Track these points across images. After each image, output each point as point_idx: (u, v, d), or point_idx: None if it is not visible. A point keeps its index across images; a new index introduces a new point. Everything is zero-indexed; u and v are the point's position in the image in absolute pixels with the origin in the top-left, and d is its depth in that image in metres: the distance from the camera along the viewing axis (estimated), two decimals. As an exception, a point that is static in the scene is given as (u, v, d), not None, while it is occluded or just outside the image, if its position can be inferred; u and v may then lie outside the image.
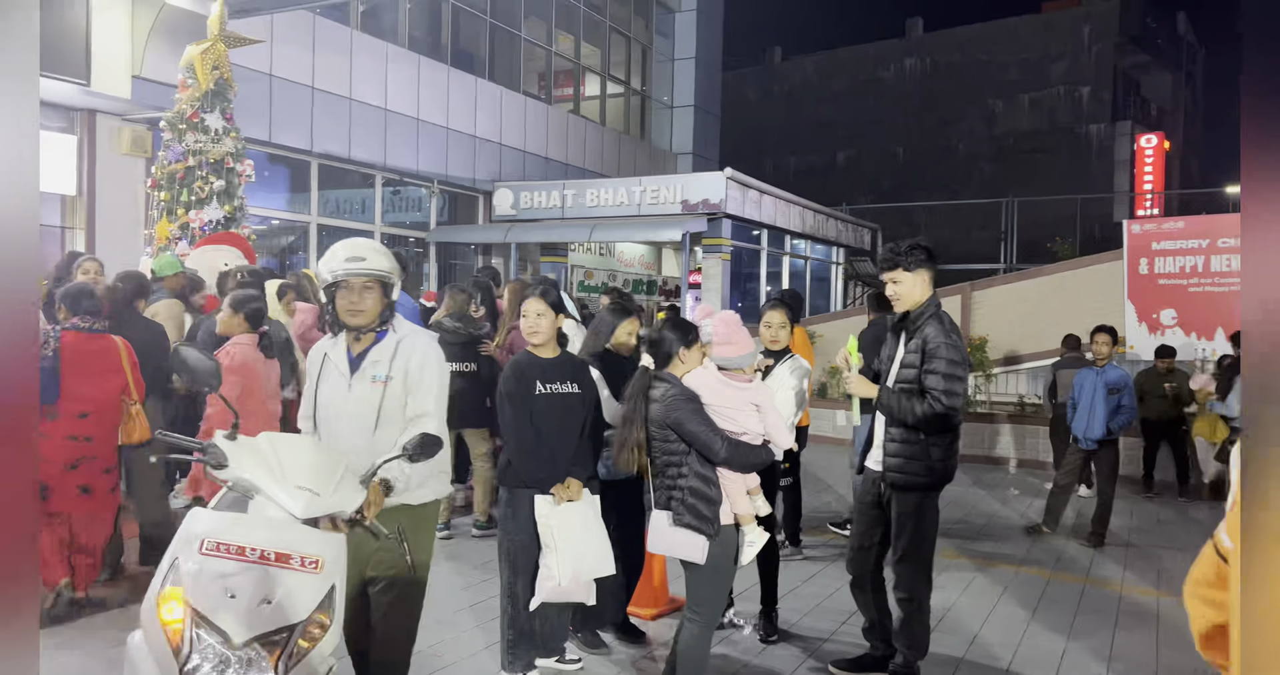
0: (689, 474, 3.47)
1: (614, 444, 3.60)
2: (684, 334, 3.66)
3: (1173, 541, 7.49)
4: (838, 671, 4.32)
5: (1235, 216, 12.25)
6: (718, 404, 3.51)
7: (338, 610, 2.71)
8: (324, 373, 3.33)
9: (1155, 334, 11.06)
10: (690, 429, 3.44)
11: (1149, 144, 28.53)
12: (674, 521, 3.47)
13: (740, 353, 3.60)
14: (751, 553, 3.61)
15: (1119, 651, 4.82)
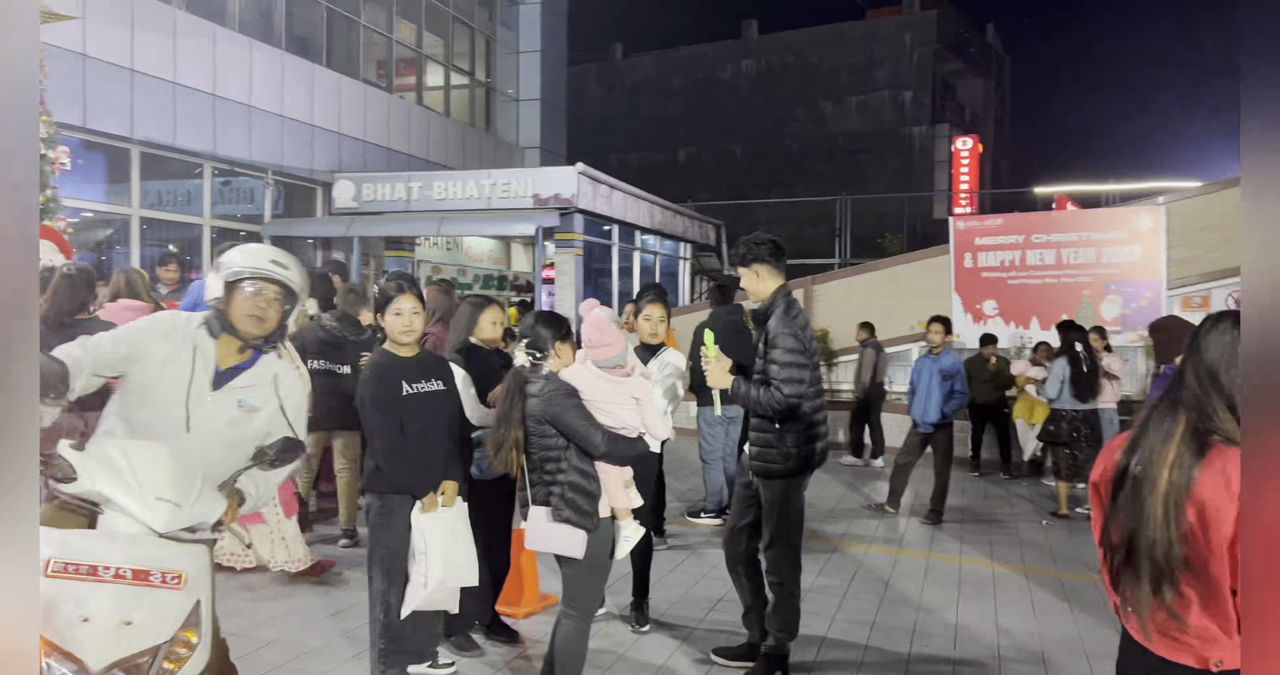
0: (568, 469, 3.44)
1: (491, 443, 3.52)
2: (557, 328, 3.64)
3: (999, 515, 8.09)
4: (720, 660, 4.42)
5: (1048, 214, 13.32)
6: (598, 399, 3.51)
7: (205, 627, 2.55)
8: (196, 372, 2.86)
9: (979, 323, 11.88)
10: (570, 423, 3.42)
11: (965, 146, 30.56)
12: (554, 517, 3.43)
13: (614, 353, 3.61)
14: (628, 546, 3.64)
15: (963, 620, 5.16)
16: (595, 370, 3.61)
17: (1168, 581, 1.82)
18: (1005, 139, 43.04)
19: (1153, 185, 20.57)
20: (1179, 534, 1.81)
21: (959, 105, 36.90)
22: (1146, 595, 1.86)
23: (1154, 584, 1.84)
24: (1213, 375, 1.87)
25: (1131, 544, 1.88)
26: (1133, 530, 1.88)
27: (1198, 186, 12.46)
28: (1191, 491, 1.80)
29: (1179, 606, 1.83)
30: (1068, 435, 7.91)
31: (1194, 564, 1.81)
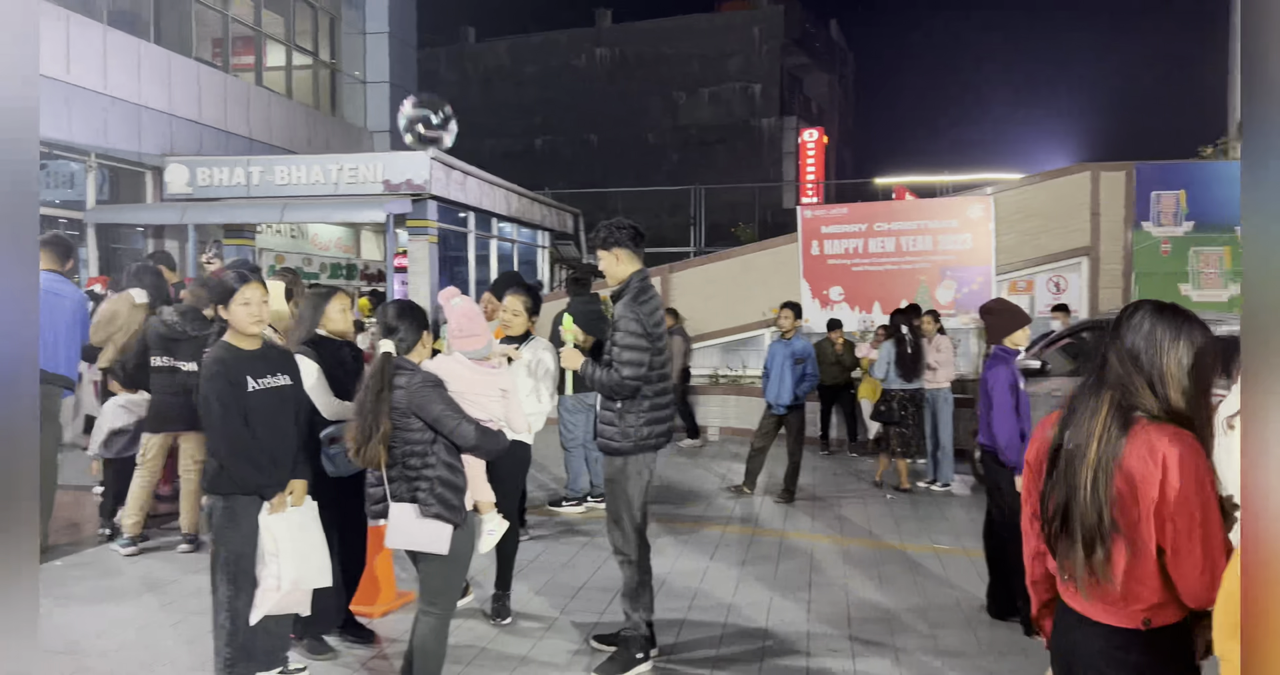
0: (436, 463, 3.35)
1: (354, 437, 3.36)
2: (419, 319, 3.54)
3: (847, 492, 8.46)
4: (599, 645, 4.43)
5: (888, 204, 13.95)
6: (468, 392, 3.45)
7: None
8: None
9: (826, 308, 12.36)
10: (439, 415, 3.33)
11: (811, 138, 31.63)
12: (422, 513, 3.33)
13: (483, 344, 3.57)
14: (493, 541, 3.59)
15: (815, 594, 5.37)
16: (464, 361, 3.54)
17: (1100, 544, 1.99)
18: (849, 131, 44.83)
19: (982, 177, 21.89)
20: (1109, 500, 1.98)
21: (805, 98, 38.15)
22: (1081, 560, 2.03)
23: (1086, 548, 2.01)
24: (1133, 357, 2.05)
25: (1066, 513, 2.06)
26: (1067, 501, 2.05)
27: (1022, 178, 13.34)
28: (1120, 462, 1.98)
29: (1109, 568, 2.00)
30: (897, 414, 8.38)
31: (1124, 528, 1.98)
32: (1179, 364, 2.03)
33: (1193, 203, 11.64)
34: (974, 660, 4.38)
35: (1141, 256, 11.81)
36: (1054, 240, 12.14)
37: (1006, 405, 4.77)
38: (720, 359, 13.13)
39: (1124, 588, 2.00)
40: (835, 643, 4.60)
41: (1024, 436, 4.79)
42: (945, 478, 8.61)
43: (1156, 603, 2.00)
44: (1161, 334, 2.06)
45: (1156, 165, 11.97)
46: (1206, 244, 11.61)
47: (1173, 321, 2.08)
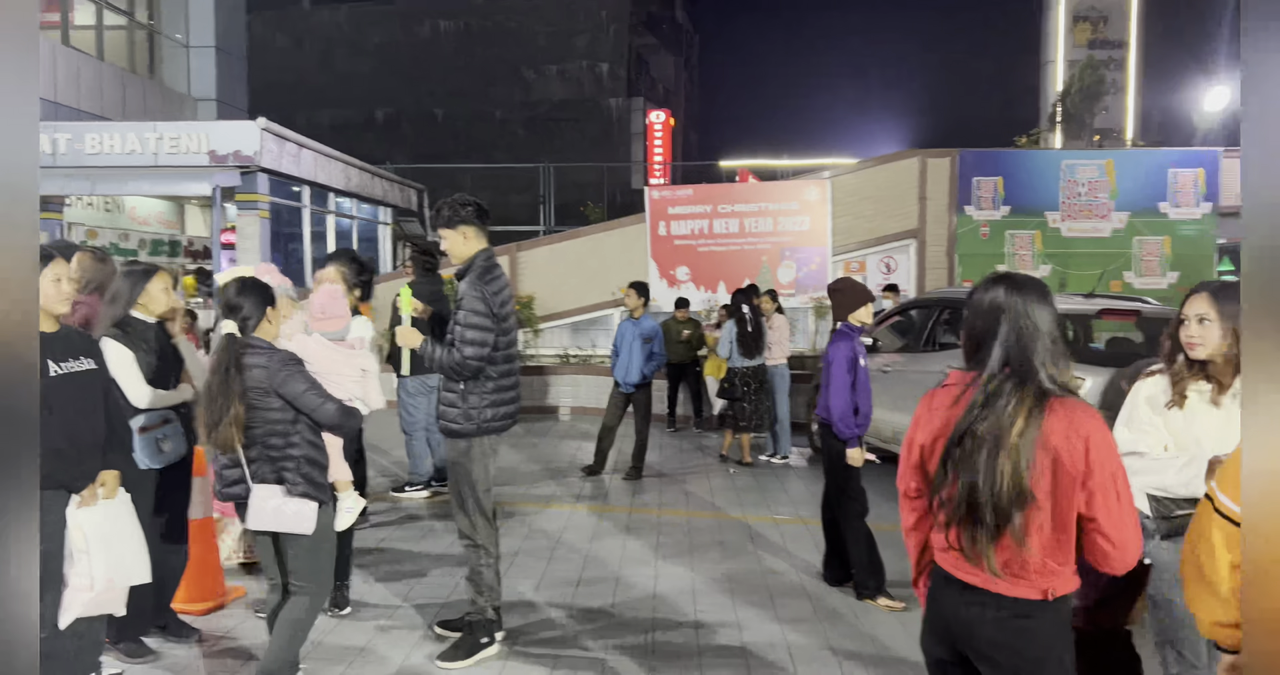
0: (300, 442, 3.33)
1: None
2: (265, 296, 3.42)
3: (693, 467, 8.64)
4: (443, 631, 4.33)
5: (732, 186, 14.25)
6: (328, 371, 3.44)
7: None
8: None
9: (674, 288, 12.54)
10: (301, 393, 3.29)
11: (658, 119, 31.92)
12: (289, 492, 3.31)
13: (343, 325, 3.55)
14: (350, 518, 3.70)
15: (662, 569, 5.45)
16: (324, 342, 3.56)
17: (1017, 523, 2.03)
18: (695, 114, 45.55)
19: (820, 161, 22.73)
20: (1030, 479, 2.02)
21: (652, 79, 38.45)
22: (989, 540, 2.06)
23: (1000, 528, 2.04)
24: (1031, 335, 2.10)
25: (972, 497, 2.06)
26: (972, 484, 2.06)
27: (857, 163, 13.92)
28: (1042, 442, 2.02)
29: (1028, 544, 2.04)
30: (739, 390, 8.63)
31: (1044, 504, 2.04)
32: (1052, 336, 2.11)
33: (1009, 189, 12.48)
34: (811, 625, 4.56)
35: (964, 239, 12.57)
36: (885, 223, 12.76)
37: (842, 381, 4.94)
38: (570, 339, 13.11)
39: (1038, 561, 2.06)
40: (680, 615, 4.68)
41: (858, 411, 5.00)
42: (784, 451, 8.93)
43: (1062, 573, 2.09)
44: (1039, 311, 2.12)
45: (978, 153, 12.76)
46: (1020, 228, 12.49)
47: (1038, 295, 2.14)
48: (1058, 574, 2.09)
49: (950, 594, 2.19)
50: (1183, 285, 12.20)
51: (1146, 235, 12.30)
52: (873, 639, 4.38)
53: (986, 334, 2.14)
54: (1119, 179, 12.31)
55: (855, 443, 4.99)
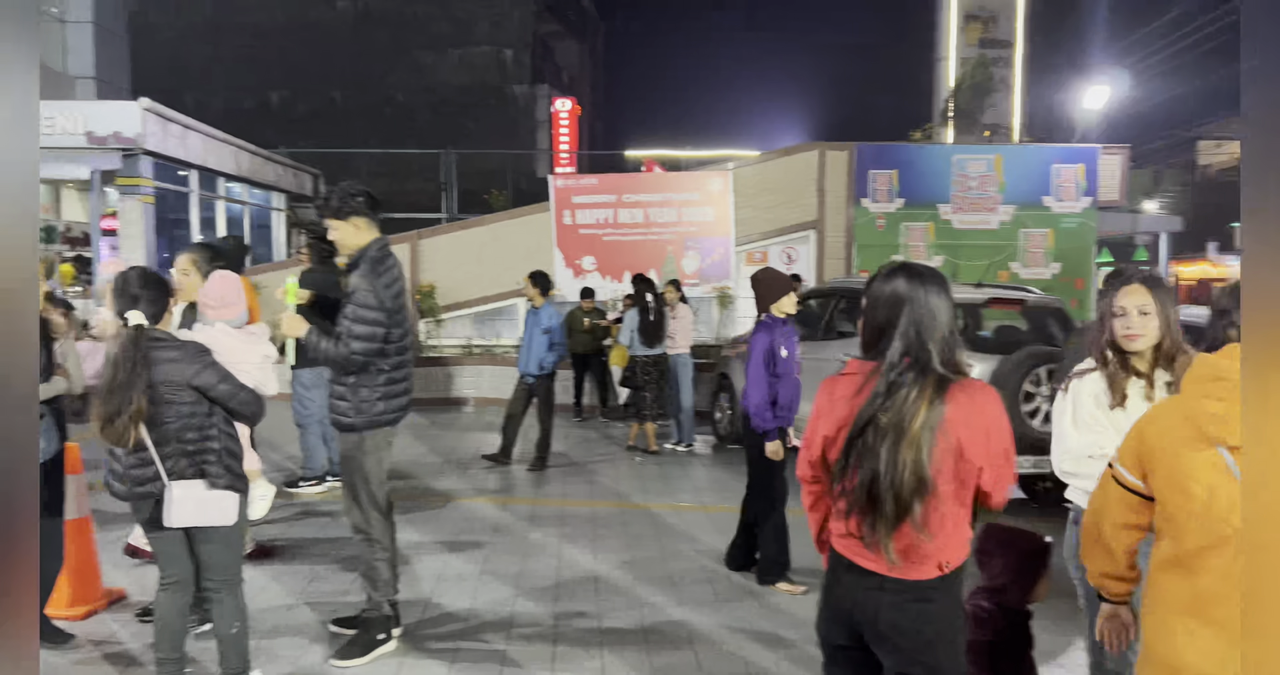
0: (218, 434, 3.30)
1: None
2: (165, 287, 3.34)
3: (599, 457, 8.64)
4: (338, 629, 4.21)
5: (636, 176, 14.28)
6: (236, 361, 3.38)
7: None
8: None
9: (579, 277, 12.50)
10: (218, 385, 3.24)
11: (564, 107, 31.72)
12: (212, 485, 3.25)
13: (240, 313, 3.48)
14: (265, 506, 3.74)
15: (565, 559, 5.44)
16: (227, 331, 3.56)
17: (918, 509, 2.06)
18: (600, 102, 45.45)
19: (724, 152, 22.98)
20: (931, 467, 2.05)
21: (557, 67, 38.16)
22: (889, 529, 2.08)
23: (900, 517, 2.07)
24: (929, 323, 2.13)
25: (874, 486, 2.08)
26: (874, 474, 2.08)
27: (759, 154, 14.11)
28: (945, 428, 2.06)
29: (928, 528, 2.09)
30: (641, 379, 8.67)
31: (944, 489, 2.08)
32: (950, 326, 2.16)
33: (903, 182, 12.86)
34: (712, 609, 4.62)
35: (861, 230, 12.90)
36: (786, 214, 12.98)
37: (759, 373, 4.88)
38: (474, 329, 12.93)
39: (936, 542, 2.11)
40: (584, 604, 4.68)
41: (777, 403, 4.92)
42: (688, 439, 9.02)
43: (954, 543, 2.14)
44: (938, 301, 2.15)
45: (874, 147, 13.09)
46: (914, 220, 12.88)
47: (938, 285, 2.18)
48: (950, 545, 2.14)
49: (850, 580, 2.21)
50: (1065, 276, 12.80)
51: (1032, 228, 12.84)
52: (772, 621, 4.46)
53: (887, 324, 2.16)
54: (1006, 174, 12.81)
55: (774, 435, 4.92)
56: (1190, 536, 1.92)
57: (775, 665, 3.98)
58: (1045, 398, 6.34)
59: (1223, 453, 1.87)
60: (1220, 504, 1.86)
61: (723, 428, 9.54)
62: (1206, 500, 1.88)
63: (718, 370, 9.83)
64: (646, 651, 4.11)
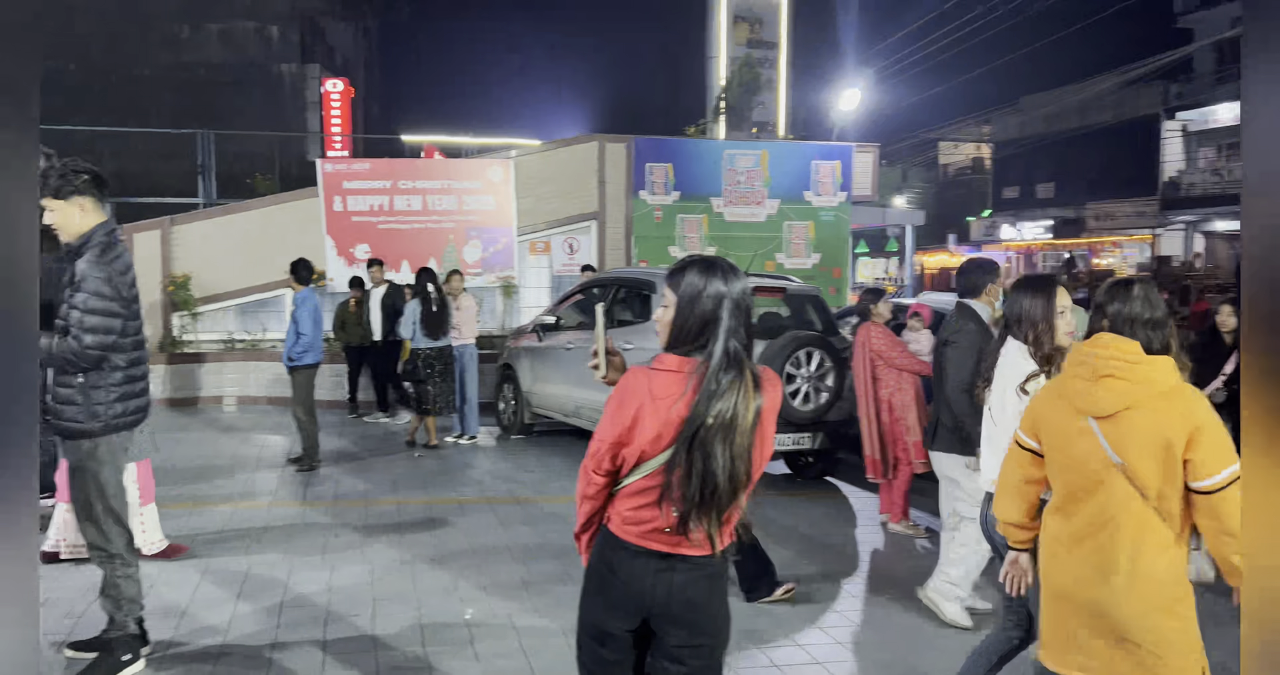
0: None
1: None
2: None
3: (376, 453, 8.35)
4: (75, 654, 3.81)
5: (413, 162, 13.87)
6: None
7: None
8: None
9: (353, 267, 11.98)
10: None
11: (335, 88, 30.23)
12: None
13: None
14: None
15: (334, 562, 5.22)
16: None
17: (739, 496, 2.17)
18: (376, 85, 43.75)
19: (506, 140, 22.79)
20: (749, 456, 2.16)
21: (329, 47, 36.34)
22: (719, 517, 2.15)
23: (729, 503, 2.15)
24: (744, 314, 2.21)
25: (709, 479, 2.12)
26: (710, 468, 2.12)
27: (540, 144, 14.11)
28: (762, 417, 2.17)
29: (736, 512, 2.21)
30: (423, 372, 8.46)
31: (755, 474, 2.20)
32: (750, 321, 2.24)
33: (679, 175, 13.29)
34: (494, 602, 4.59)
35: (639, 222, 13.21)
36: (568, 204, 13.07)
37: None
38: (237, 322, 12.09)
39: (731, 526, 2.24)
40: (355, 608, 4.51)
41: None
42: (472, 431, 8.90)
43: (732, 527, 2.26)
44: (746, 295, 2.23)
45: (651, 140, 13.43)
46: (689, 212, 13.35)
47: (741, 279, 2.25)
48: (731, 526, 2.26)
49: (639, 564, 2.23)
50: (824, 265, 13.73)
51: (794, 220, 13.66)
52: (553, 611, 4.50)
53: (709, 321, 2.18)
54: (772, 169, 13.55)
55: None
56: (1065, 487, 2.45)
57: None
58: (804, 379, 6.78)
59: (1090, 421, 2.36)
60: (1087, 461, 2.37)
61: (506, 418, 9.49)
62: (1077, 458, 2.39)
63: (502, 361, 9.76)
64: (422, 645, 4.03)
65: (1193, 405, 2.27)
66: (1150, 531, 2.30)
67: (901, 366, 6.03)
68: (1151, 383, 2.31)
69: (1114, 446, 2.32)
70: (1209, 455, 2.23)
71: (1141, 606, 2.30)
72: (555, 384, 8.59)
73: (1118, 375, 2.34)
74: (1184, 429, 2.24)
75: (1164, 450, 2.26)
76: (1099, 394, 2.35)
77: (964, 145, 38.85)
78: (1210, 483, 2.23)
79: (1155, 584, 2.30)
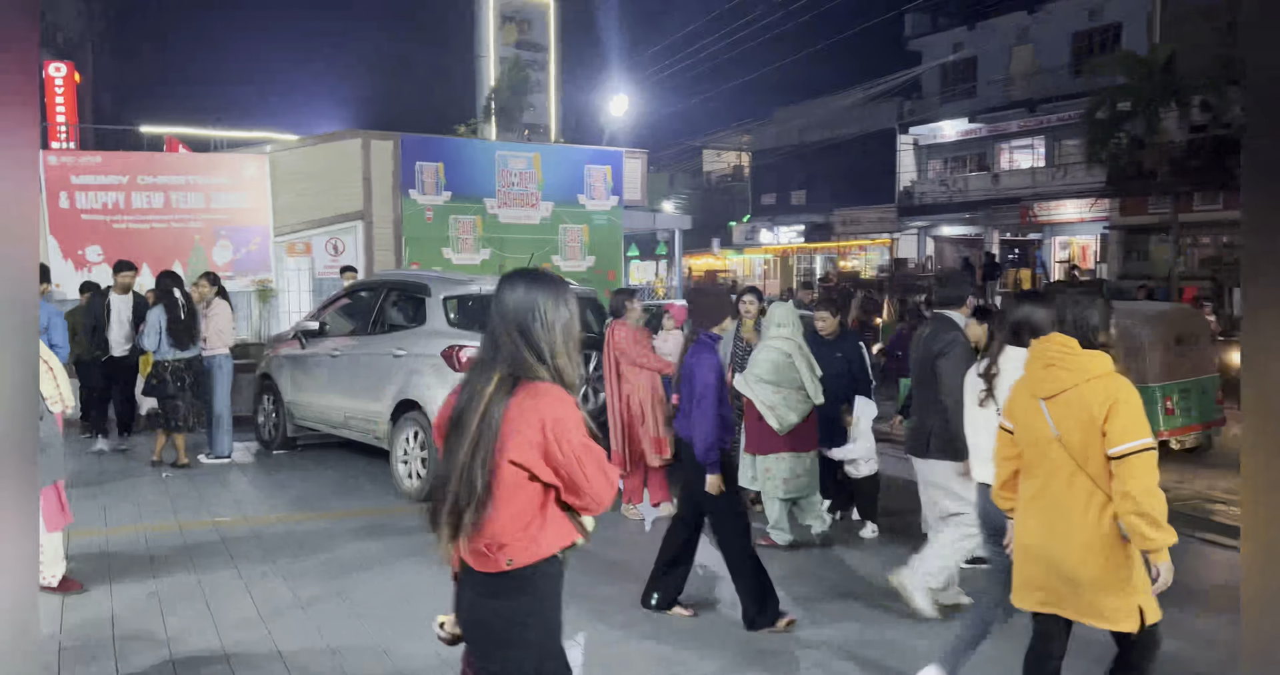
0: None
1: None
2: None
3: (117, 477, 7.53)
4: None
5: (153, 155, 12.67)
6: None
7: None
8: None
9: (83, 271, 10.77)
10: None
11: (59, 73, 27.11)
12: None
13: None
14: None
15: (70, 600, 4.65)
16: None
17: (475, 504, 2.08)
18: (109, 70, 39.70)
19: (259, 134, 21.34)
20: (489, 465, 2.09)
21: (50, 26, 32.55)
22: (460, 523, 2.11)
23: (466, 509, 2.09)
24: (522, 331, 2.17)
25: (448, 480, 2.12)
26: (449, 469, 2.12)
27: (299, 139, 13.33)
28: (504, 426, 2.10)
29: (482, 523, 2.10)
30: (172, 385, 7.71)
31: (500, 486, 2.10)
32: (562, 332, 2.21)
33: (450, 175, 13.00)
34: (254, 627, 4.26)
35: (410, 222, 12.80)
36: (330, 203, 12.43)
37: (710, 401, 4.25)
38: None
39: (493, 538, 2.13)
40: (92, 651, 4.02)
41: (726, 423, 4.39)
42: (224, 450, 8.18)
43: (520, 545, 2.15)
44: (544, 306, 2.19)
45: (419, 138, 13.06)
46: (462, 213, 13.10)
47: (551, 292, 2.23)
48: (509, 545, 2.17)
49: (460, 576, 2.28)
50: (599, 268, 13.93)
51: (569, 223, 13.77)
52: (323, 632, 4.23)
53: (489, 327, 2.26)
54: (545, 172, 13.57)
55: (717, 468, 4.28)
56: (1025, 457, 3.01)
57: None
58: (583, 380, 6.84)
59: (1041, 403, 2.90)
60: (1038, 435, 2.92)
61: (267, 432, 8.86)
62: (1031, 432, 2.95)
63: (260, 370, 9.10)
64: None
65: (1114, 388, 2.79)
66: (1085, 493, 2.83)
67: (643, 365, 6.26)
68: (1085, 370, 2.84)
69: (1055, 422, 2.87)
70: (1120, 427, 2.74)
71: (1081, 553, 2.83)
72: (322, 394, 8.11)
73: (1058, 365, 2.89)
74: (1104, 406, 2.76)
75: (1090, 423, 2.78)
76: (1045, 378, 2.91)
77: (726, 153, 40.83)
78: (1117, 450, 2.74)
79: (1090, 535, 2.82)
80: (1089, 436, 2.79)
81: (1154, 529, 2.68)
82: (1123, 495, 2.73)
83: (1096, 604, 2.85)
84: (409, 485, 6.89)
